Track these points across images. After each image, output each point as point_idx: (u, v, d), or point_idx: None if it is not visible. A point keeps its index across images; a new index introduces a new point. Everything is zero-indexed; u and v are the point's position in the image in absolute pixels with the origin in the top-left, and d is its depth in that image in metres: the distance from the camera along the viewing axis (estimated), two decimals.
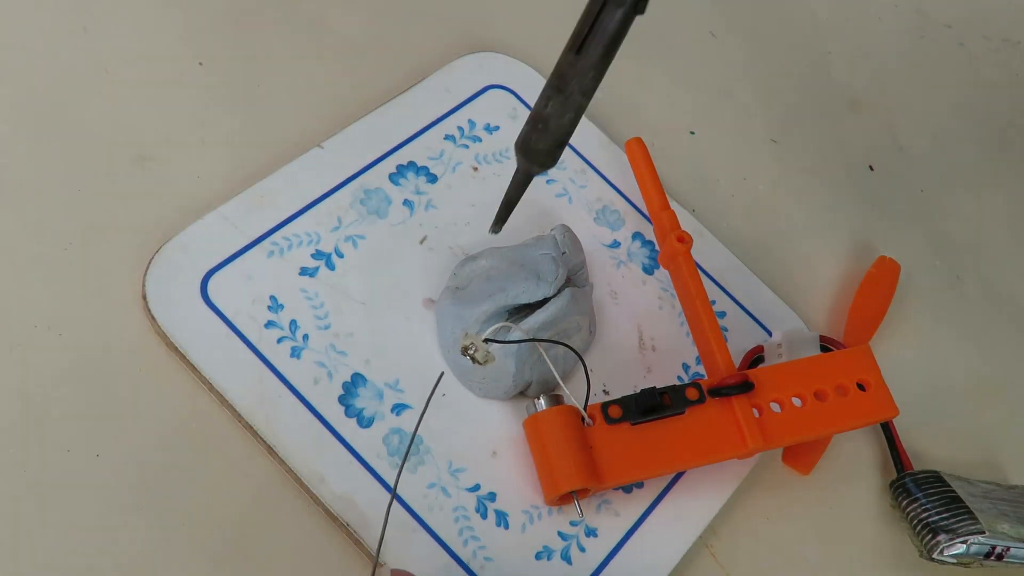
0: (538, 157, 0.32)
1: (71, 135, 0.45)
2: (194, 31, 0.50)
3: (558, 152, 0.32)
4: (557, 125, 0.31)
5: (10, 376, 0.39)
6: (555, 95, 0.30)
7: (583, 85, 0.30)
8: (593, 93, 0.30)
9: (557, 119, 0.31)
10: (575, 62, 0.30)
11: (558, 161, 0.32)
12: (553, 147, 0.32)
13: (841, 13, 0.69)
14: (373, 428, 0.41)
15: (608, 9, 0.28)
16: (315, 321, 0.43)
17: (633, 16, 0.29)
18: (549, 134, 0.31)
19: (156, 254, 0.42)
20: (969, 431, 0.52)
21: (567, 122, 0.31)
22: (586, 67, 0.30)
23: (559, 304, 0.43)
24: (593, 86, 0.30)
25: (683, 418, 0.41)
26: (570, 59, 0.30)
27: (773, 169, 0.59)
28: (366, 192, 0.47)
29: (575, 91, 0.30)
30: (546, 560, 0.41)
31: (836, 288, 0.55)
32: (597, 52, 0.29)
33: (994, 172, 0.64)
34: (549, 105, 0.31)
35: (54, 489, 0.37)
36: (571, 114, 0.31)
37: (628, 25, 0.29)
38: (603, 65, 0.30)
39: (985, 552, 0.44)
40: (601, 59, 0.29)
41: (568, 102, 0.30)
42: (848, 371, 0.44)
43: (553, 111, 0.31)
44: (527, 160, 0.33)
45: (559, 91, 0.30)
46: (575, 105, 0.31)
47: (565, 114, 0.31)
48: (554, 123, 0.31)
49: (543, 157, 0.32)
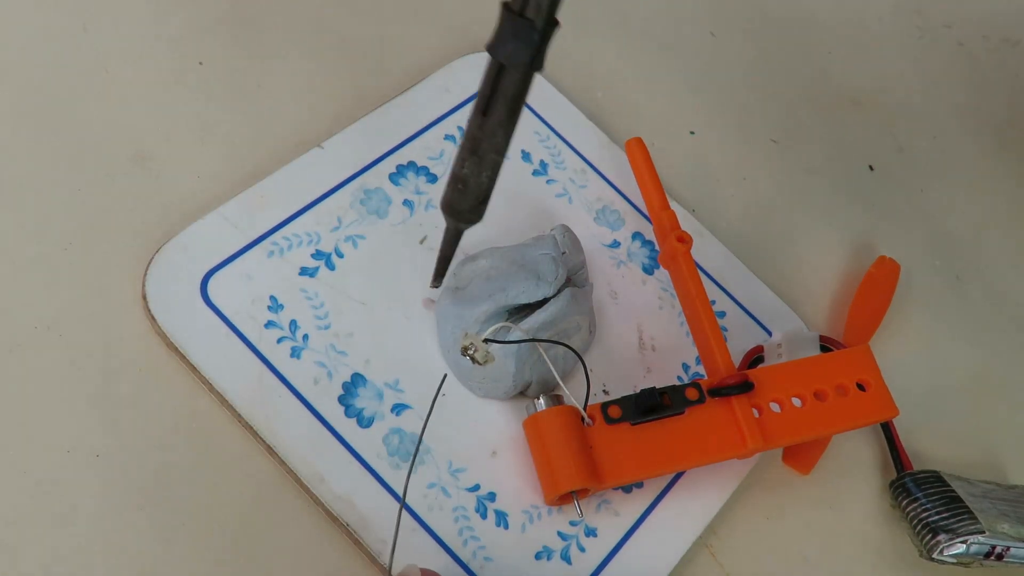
0: (463, 215, 0.33)
1: (71, 135, 0.45)
2: (194, 31, 0.50)
3: (482, 208, 0.33)
4: (476, 184, 0.32)
5: (10, 376, 0.39)
6: (470, 157, 0.31)
7: (494, 144, 0.31)
8: (506, 149, 0.31)
9: (475, 178, 0.32)
10: (484, 124, 0.31)
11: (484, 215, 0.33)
12: (476, 204, 0.33)
13: (841, 13, 0.69)
14: (373, 428, 0.41)
15: (506, 72, 0.29)
16: (315, 321, 0.43)
17: (532, 75, 0.30)
18: (470, 193, 0.32)
19: (156, 254, 0.42)
20: (969, 431, 0.52)
21: (485, 179, 0.32)
22: (494, 127, 0.31)
23: (559, 304, 0.43)
24: (505, 143, 0.31)
25: (683, 418, 0.41)
26: (479, 121, 0.31)
27: (773, 169, 0.59)
28: (366, 192, 0.47)
29: (488, 151, 0.31)
30: (546, 560, 0.41)
31: (836, 288, 0.55)
32: (502, 113, 0.30)
33: (994, 172, 0.64)
34: (465, 166, 0.32)
35: (54, 489, 0.37)
36: (488, 172, 0.32)
37: (528, 84, 0.30)
38: (510, 123, 0.31)
39: (985, 552, 0.44)
40: (507, 118, 0.30)
41: (483, 162, 0.31)
42: (848, 371, 0.44)
43: (470, 171, 0.32)
44: (454, 219, 0.34)
45: (473, 152, 0.31)
46: (490, 163, 0.32)
47: (482, 173, 0.32)
48: (473, 182, 0.32)
49: (468, 215, 0.33)
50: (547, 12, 0.28)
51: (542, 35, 0.28)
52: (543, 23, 0.28)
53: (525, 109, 0.52)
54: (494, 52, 0.29)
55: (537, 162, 0.51)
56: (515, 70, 0.29)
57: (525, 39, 0.28)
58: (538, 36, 0.28)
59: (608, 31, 0.60)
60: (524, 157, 0.51)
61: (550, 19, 0.28)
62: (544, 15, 0.28)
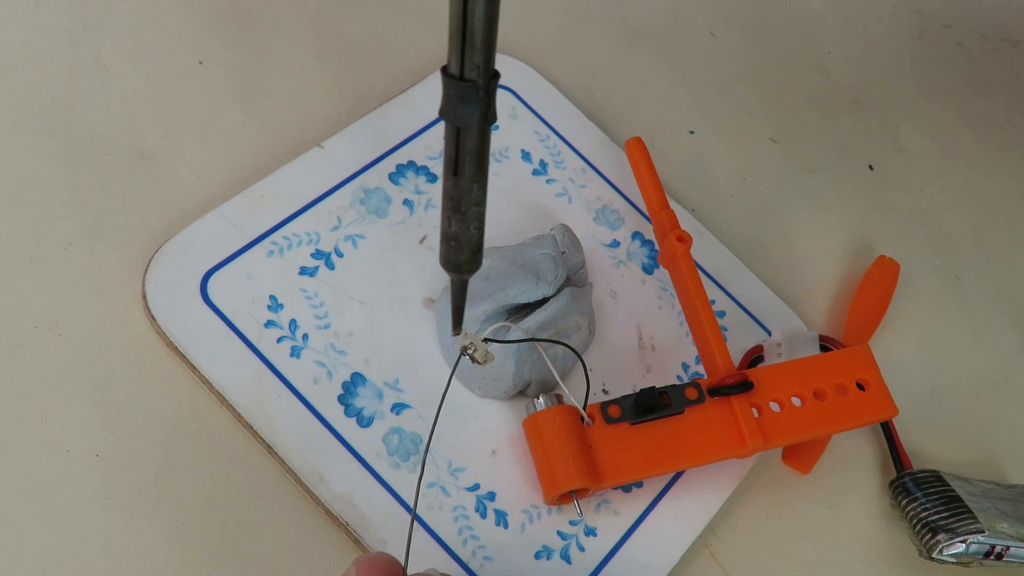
0: (463, 267, 0.35)
1: (71, 134, 0.45)
2: (194, 31, 0.50)
3: (478, 256, 0.35)
4: (467, 237, 0.34)
5: (10, 376, 0.39)
6: (454, 215, 0.33)
7: (473, 198, 0.33)
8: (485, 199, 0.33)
9: (465, 233, 0.34)
10: (458, 183, 0.32)
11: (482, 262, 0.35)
12: (472, 255, 0.35)
13: (841, 13, 0.69)
14: (373, 428, 0.41)
15: (464, 133, 0.30)
16: (315, 321, 0.43)
17: (488, 129, 0.31)
18: (464, 247, 0.34)
19: (156, 254, 0.42)
20: (969, 431, 0.52)
21: (474, 231, 0.34)
22: (468, 184, 0.32)
23: (559, 304, 0.43)
24: (482, 196, 0.33)
25: (682, 418, 0.41)
26: (452, 182, 0.32)
27: (773, 169, 0.59)
28: (366, 192, 0.47)
29: (469, 206, 0.33)
30: (545, 559, 0.41)
31: (836, 288, 0.55)
32: (472, 169, 0.32)
33: (994, 172, 0.64)
34: (453, 225, 0.33)
35: (54, 489, 0.37)
36: (475, 223, 0.34)
37: (487, 138, 0.31)
38: (482, 176, 0.32)
39: (985, 551, 0.44)
40: (477, 173, 0.32)
41: (467, 217, 0.33)
42: (847, 370, 0.44)
43: (459, 228, 0.33)
44: (456, 272, 0.36)
45: (456, 211, 0.33)
46: (475, 216, 0.33)
47: (470, 226, 0.33)
48: (464, 237, 0.34)
49: (467, 265, 0.35)
50: (485, 70, 0.29)
51: (487, 91, 0.29)
52: (484, 80, 0.29)
53: (525, 109, 0.53)
54: (447, 117, 0.30)
55: (537, 162, 0.51)
56: (472, 130, 0.30)
57: (471, 101, 0.29)
58: (483, 94, 0.29)
59: (608, 31, 0.60)
60: (524, 157, 0.51)
61: (490, 74, 0.29)
62: (483, 73, 0.29)
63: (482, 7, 0.27)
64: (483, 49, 0.28)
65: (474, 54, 0.28)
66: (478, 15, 0.27)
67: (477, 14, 0.27)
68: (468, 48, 0.28)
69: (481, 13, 0.27)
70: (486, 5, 0.27)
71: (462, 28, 0.28)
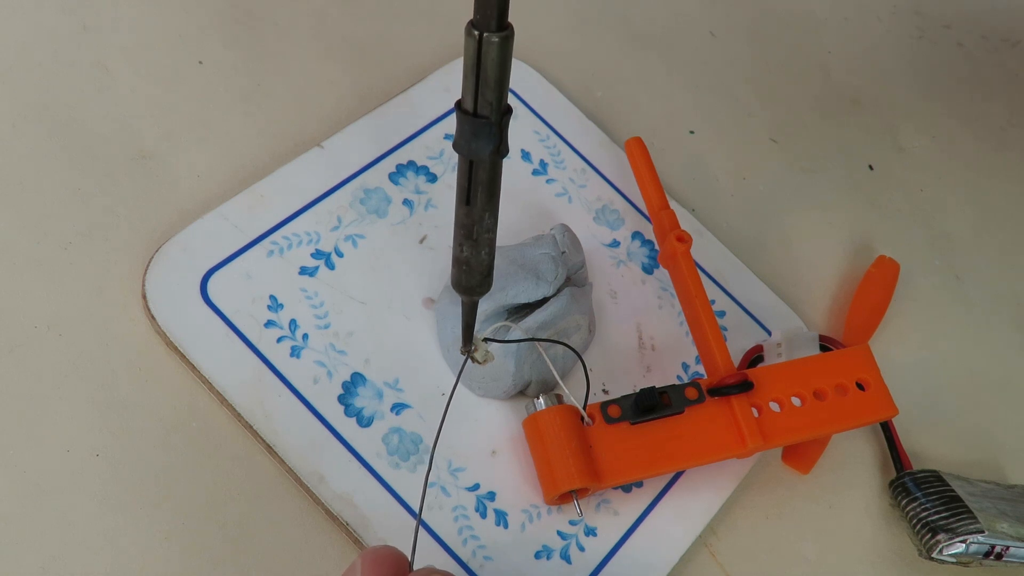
0: (474, 291, 0.36)
1: (71, 134, 0.45)
2: (194, 31, 0.50)
3: (489, 279, 0.36)
4: (478, 262, 0.35)
5: (10, 376, 0.39)
6: (466, 241, 0.34)
7: (485, 226, 0.34)
8: (495, 226, 0.34)
9: (476, 258, 0.35)
10: (470, 212, 0.33)
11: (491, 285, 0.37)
12: (483, 279, 0.36)
13: (841, 13, 0.69)
14: (373, 427, 0.41)
15: (477, 166, 0.32)
16: (315, 320, 0.43)
17: (500, 162, 0.32)
18: (475, 271, 0.35)
19: (156, 253, 0.42)
20: (969, 431, 0.52)
21: (485, 256, 0.35)
22: (480, 213, 0.33)
23: (559, 304, 0.43)
24: (493, 223, 0.34)
25: (682, 418, 0.41)
26: (465, 210, 0.33)
27: (773, 169, 0.59)
28: (366, 192, 0.47)
29: (481, 233, 0.34)
30: (545, 559, 0.41)
31: (836, 288, 0.55)
32: (484, 199, 0.33)
33: (994, 172, 0.64)
34: (465, 250, 0.35)
35: (54, 489, 0.37)
36: (486, 249, 0.35)
37: (499, 170, 0.32)
38: (493, 205, 0.33)
39: (984, 551, 0.44)
40: (488, 202, 0.33)
41: (479, 243, 0.34)
42: (847, 370, 0.44)
43: (471, 254, 0.35)
44: (467, 295, 0.37)
45: (468, 238, 0.34)
46: (486, 242, 0.34)
47: (481, 252, 0.35)
48: (475, 262, 0.35)
49: (478, 289, 0.36)
50: (498, 106, 0.30)
51: (499, 126, 0.30)
52: (497, 117, 0.30)
53: (525, 109, 0.53)
54: (460, 151, 0.31)
55: (537, 162, 0.51)
56: (484, 163, 0.32)
57: (485, 136, 0.30)
58: (496, 129, 0.30)
59: (608, 31, 0.60)
60: (524, 157, 0.51)
61: (502, 110, 0.30)
62: (496, 110, 0.30)
63: (496, 49, 0.29)
64: (496, 87, 0.30)
65: (487, 92, 0.30)
66: (492, 56, 0.29)
67: (491, 55, 0.29)
68: (482, 87, 0.29)
69: (495, 54, 0.29)
70: (499, 47, 0.29)
71: (476, 67, 0.29)
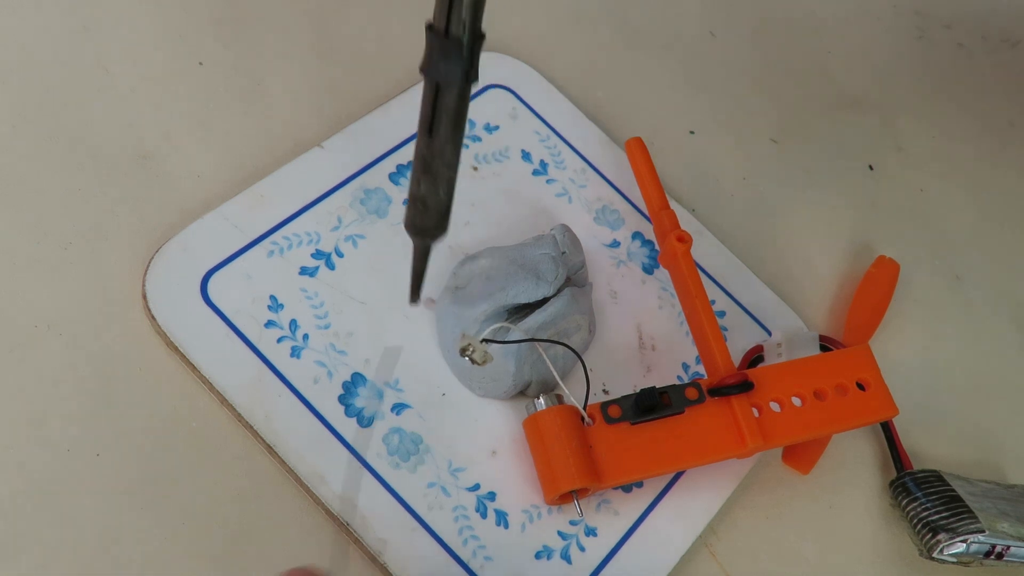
0: (428, 232, 0.34)
1: (71, 135, 0.45)
2: (194, 31, 0.50)
3: (445, 221, 0.34)
4: (435, 201, 0.33)
5: (10, 376, 0.39)
6: (424, 176, 0.32)
7: (445, 160, 0.32)
8: (457, 162, 0.32)
9: (433, 196, 0.33)
10: (431, 143, 0.31)
11: (448, 227, 0.34)
12: (439, 220, 0.34)
13: (841, 13, 0.69)
14: (373, 428, 0.41)
15: (443, 91, 0.30)
16: (315, 321, 0.43)
17: (469, 89, 0.30)
18: (430, 211, 0.33)
19: (156, 254, 0.42)
20: (969, 431, 0.52)
21: (443, 195, 0.33)
22: (442, 145, 0.31)
23: (559, 304, 0.43)
24: (455, 158, 0.32)
25: (683, 418, 0.41)
26: (426, 141, 0.31)
27: (773, 169, 0.59)
28: (366, 192, 0.47)
29: (440, 168, 0.32)
30: (546, 559, 0.41)
31: (836, 288, 0.55)
32: (447, 130, 0.31)
33: (994, 172, 0.64)
34: (422, 186, 0.33)
35: (54, 489, 0.37)
36: (444, 187, 0.33)
37: (467, 99, 0.30)
38: (457, 138, 0.32)
39: (985, 551, 0.44)
40: (453, 134, 0.31)
41: (437, 179, 0.32)
42: (848, 370, 0.44)
43: (427, 191, 0.33)
44: (420, 237, 0.35)
45: (426, 172, 0.32)
46: (445, 179, 0.32)
47: (439, 189, 0.33)
48: (431, 200, 0.33)
49: (433, 231, 0.34)
50: (471, 28, 0.28)
51: (471, 50, 0.29)
52: (469, 38, 0.29)
53: (525, 109, 0.53)
54: (428, 74, 0.30)
55: (537, 162, 0.51)
56: (451, 88, 0.30)
57: (455, 58, 0.29)
58: (467, 52, 0.29)
59: (608, 31, 0.60)
60: (524, 157, 0.51)
61: (475, 33, 0.29)
62: (469, 31, 0.28)
63: None
64: (471, 7, 0.28)
65: (462, 10, 0.28)
66: None
67: None
68: (455, 5, 0.28)
69: None
70: None
71: None
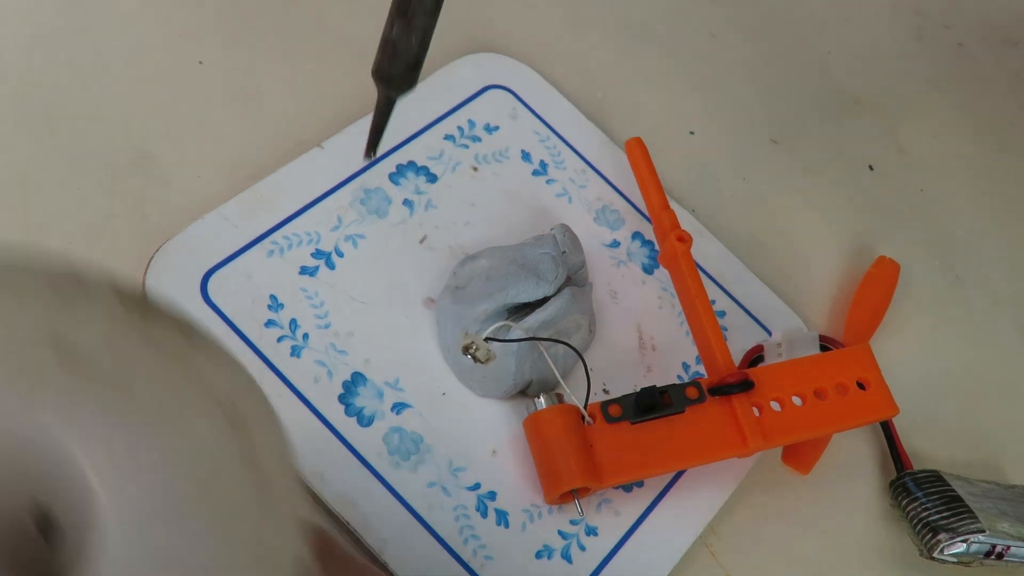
0: (394, 81, 0.32)
1: (71, 135, 0.45)
2: (194, 31, 0.50)
3: (413, 75, 0.32)
4: (406, 48, 0.31)
5: None
6: (399, 19, 0.31)
7: (424, 5, 0.30)
8: (437, 12, 0.30)
9: (405, 42, 0.31)
10: None
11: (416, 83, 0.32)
12: (407, 70, 0.32)
13: (841, 13, 0.69)
14: (373, 427, 0.41)
15: None
16: (315, 320, 0.43)
17: None
18: (400, 58, 0.32)
19: (156, 253, 0.42)
20: (969, 431, 0.52)
21: (415, 43, 0.31)
22: None
23: (559, 303, 0.43)
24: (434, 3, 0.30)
25: (683, 417, 0.41)
26: None
27: (773, 169, 0.59)
28: (366, 192, 0.47)
29: (417, 11, 0.30)
30: (546, 559, 0.41)
31: (836, 288, 0.55)
32: None
33: (994, 172, 0.64)
34: (395, 29, 0.31)
35: None
36: (418, 35, 0.31)
37: None
38: None
39: (985, 551, 0.44)
40: None
41: (412, 23, 0.31)
42: (848, 370, 0.44)
43: (400, 35, 0.31)
44: (385, 86, 0.33)
45: (402, 14, 0.30)
46: (420, 26, 0.31)
47: (412, 36, 0.31)
48: (403, 46, 0.31)
49: (399, 81, 0.32)
50: None
51: None
52: None
53: (525, 109, 0.53)
54: None
55: (537, 162, 0.51)
56: None
57: None
58: None
59: (608, 31, 0.60)
60: (524, 157, 0.51)
61: None
62: None
63: None
64: None
65: None
66: None
67: None
68: None
69: None
70: None
71: None
